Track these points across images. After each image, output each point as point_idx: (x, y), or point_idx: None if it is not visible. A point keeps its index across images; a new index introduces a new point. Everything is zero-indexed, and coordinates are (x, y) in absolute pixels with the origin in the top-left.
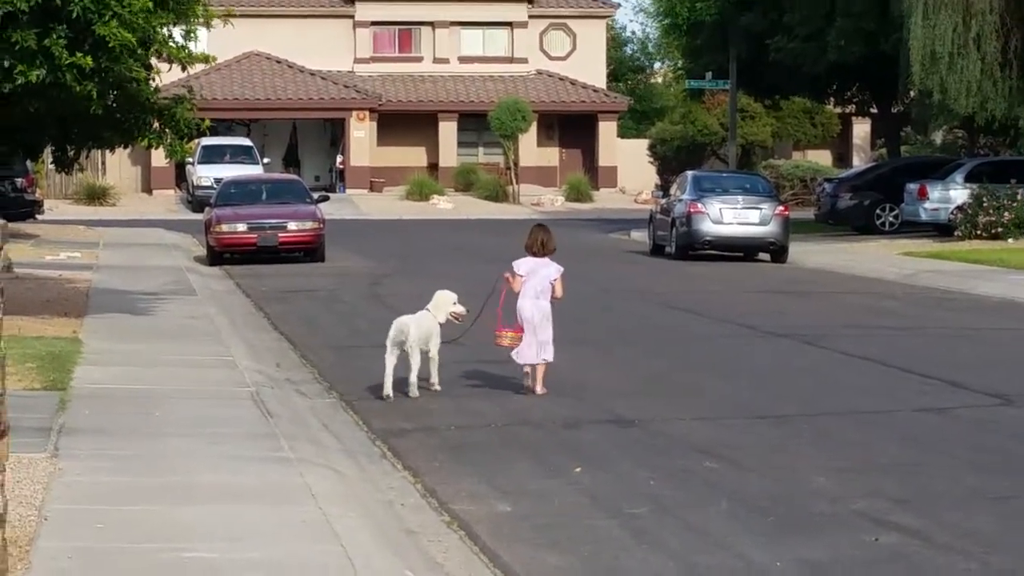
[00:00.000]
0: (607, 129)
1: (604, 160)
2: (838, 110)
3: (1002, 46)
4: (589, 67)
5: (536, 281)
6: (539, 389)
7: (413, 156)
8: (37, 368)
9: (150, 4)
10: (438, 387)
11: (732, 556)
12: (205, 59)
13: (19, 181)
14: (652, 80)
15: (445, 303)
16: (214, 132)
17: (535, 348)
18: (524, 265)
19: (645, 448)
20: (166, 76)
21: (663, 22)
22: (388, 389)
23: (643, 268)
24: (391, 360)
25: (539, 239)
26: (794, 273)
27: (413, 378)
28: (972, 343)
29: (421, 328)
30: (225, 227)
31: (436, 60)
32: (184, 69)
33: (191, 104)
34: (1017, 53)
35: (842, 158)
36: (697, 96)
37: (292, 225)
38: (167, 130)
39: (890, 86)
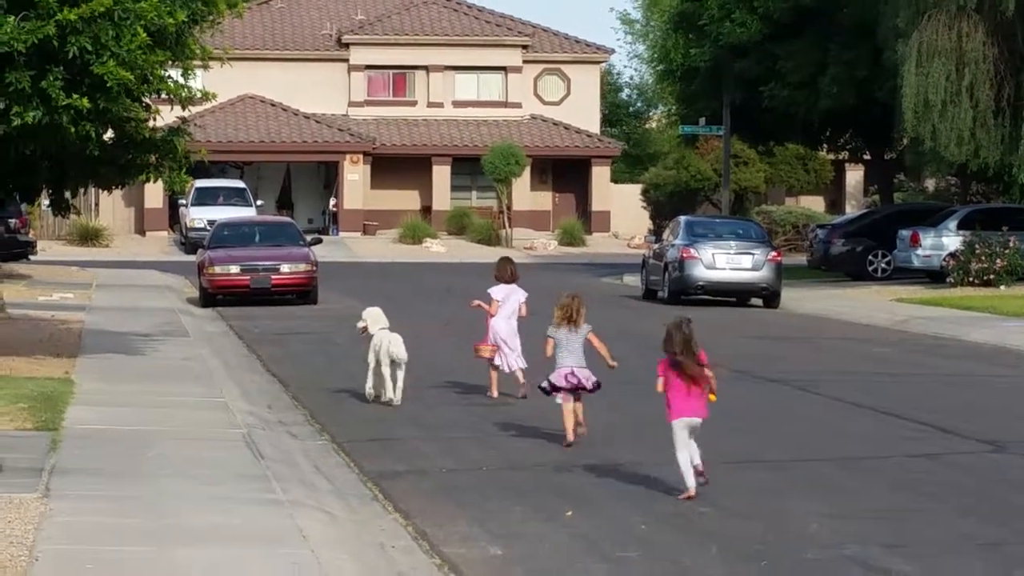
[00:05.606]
0: (600, 174)
1: (597, 205)
2: (831, 156)
3: (995, 94)
4: (583, 112)
5: (509, 304)
6: (497, 388)
7: (406, 199)
8: (29, 408)
9: (148, 40)
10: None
11: None
12: (206, 95)
13: (12, 222)
14: (648, 125)
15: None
16: (208, 174)
17: (515, 357)
18: (500, 292)
19: (636, 492)
20: (164, 117)
21: (657, 68)
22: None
23: (635, 312)
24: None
25: (509, 269)
26: (786, 319)
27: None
28: (964, 390)
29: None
30: (218, 269)
31: (430, 104)
32: (184, 107)
33: (188, 135)
34: (1010, 101)
35: (835, 204)
36: (691, 141)
37: (285, 267)
38: (165, 163)
39: (883, 133)
